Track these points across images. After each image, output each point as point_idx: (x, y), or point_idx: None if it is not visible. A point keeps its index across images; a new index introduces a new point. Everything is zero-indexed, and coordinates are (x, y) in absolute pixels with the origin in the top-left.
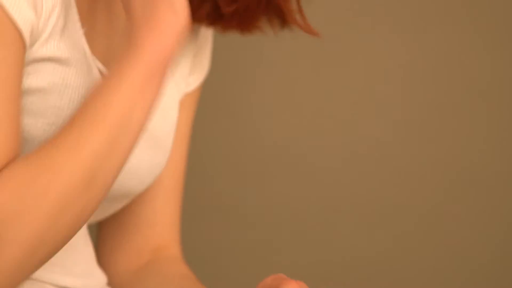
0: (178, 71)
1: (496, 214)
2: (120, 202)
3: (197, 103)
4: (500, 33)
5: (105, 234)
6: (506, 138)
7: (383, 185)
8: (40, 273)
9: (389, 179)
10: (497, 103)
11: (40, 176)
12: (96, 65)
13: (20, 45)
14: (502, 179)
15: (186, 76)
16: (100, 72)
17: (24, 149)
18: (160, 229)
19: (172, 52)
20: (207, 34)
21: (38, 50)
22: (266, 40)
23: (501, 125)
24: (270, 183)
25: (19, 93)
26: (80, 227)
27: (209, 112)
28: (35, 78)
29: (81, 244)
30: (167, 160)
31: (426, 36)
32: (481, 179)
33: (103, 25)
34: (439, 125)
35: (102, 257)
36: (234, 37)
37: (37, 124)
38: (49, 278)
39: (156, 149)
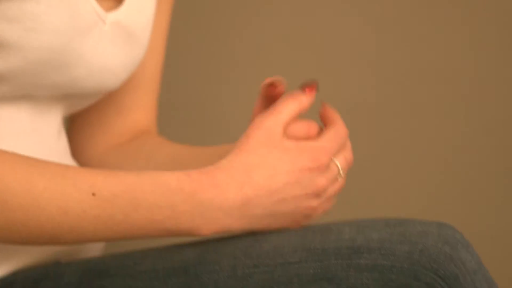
0: None
1: None
2: (95, 98)
3: None
4: None
5: (83, 120)
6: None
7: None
8: None
9: None
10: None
11: None
12: None
13: None
14: None
15: None
16: None
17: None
18: (140, 116)
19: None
20: None
21: None
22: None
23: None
24: None
25: None
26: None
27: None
28: None
29: (54, 138)
30: (143, 56)
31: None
32: None
33: None
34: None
35: (77, 143)
36: None
37: (12, 29)
38: None
39: (132, 44)
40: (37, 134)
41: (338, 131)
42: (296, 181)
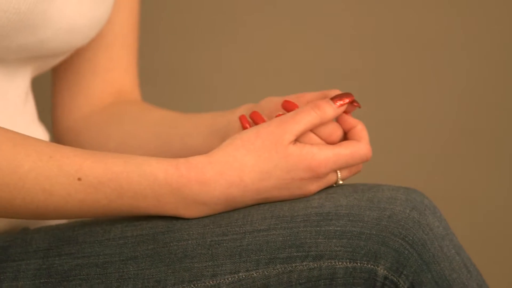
0: None
1: None
2: (63, 56)
3: None
4: None
5: (61, 85)
6: None
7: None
8: None
9: None
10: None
11: None
12: None
13: None
14: None
15: None
16: None
17: None
18: (118, 74)
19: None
20: None
21: None
22: None
23: None
24: None
25: None
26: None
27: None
28: None
29: (22, 102)
30: (109, 13)
31: None
32: None
33: None
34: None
35: (62, 108)
36: None
37: None
38: None
39: (98, 2)
40: (4, 97)
41: (358, 151)
42: (285, 187)
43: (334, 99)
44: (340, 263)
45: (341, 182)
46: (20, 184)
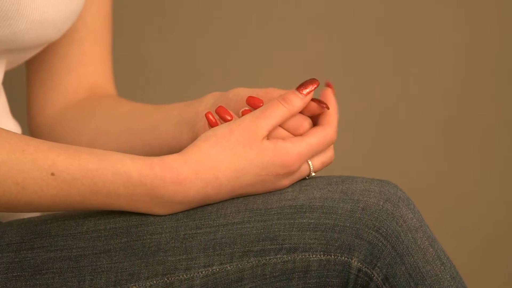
0: None
1: None
2: (36, 50)
3: None
4: None
5: (35, 81)
6: None
7: None
8: None
9: None
10: None
11: None
12: None
13: None
14: None
15: None
16: None
17: None
18: (91, 69)
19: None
20: None
21: None
22: None
23: None
24: None
25: None
26: None
27: None
28: None
29: None
30: (82, 5)
31: None
32: None
33: None
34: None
35: (36, 103)
36: None
37: None
38: None
39: None
40: None
41: (325, 137)
42: (260, 183)
43: (299, 88)
44: (314, 256)
45: (313, 174)
46: None
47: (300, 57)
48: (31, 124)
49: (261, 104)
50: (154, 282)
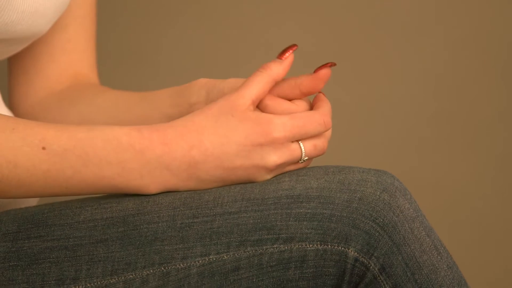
0: None
1: None
2: (26, 42)
3: None
4: None
5: (18, 69)
6: None
7: None
8: None
9: None
10: None
11: None
12: None
13: None
14: None
15: None
16: None
17: None
18: (75, 57)
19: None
20: None
21: None
22: None
23: None
24: None
25: None
26: None
27: None
28: None
29: None
30: None
31: None
32: None
33: None
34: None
35: (19, 92)
36: None
37: None
38: None
39: None
40: None
41: (313, 115)
42: (246, 156)
43: (278, 56)
44: (310, 246)
45: (306, 158)
46: None
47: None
48: (13, 112)
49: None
50: (151, 271)
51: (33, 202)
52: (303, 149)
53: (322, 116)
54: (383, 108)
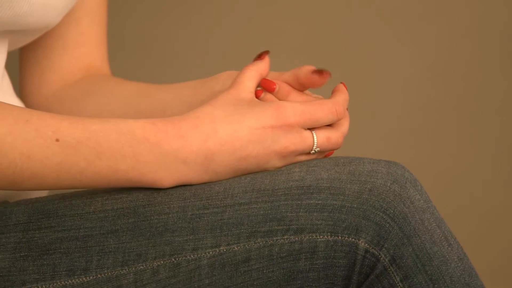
0: None
1: None
2: (39, 33)
3: None
4: None
5: (30, 61)
6: None
7: None
8: None
9: None
10: None
11: None
12: None
13: None
14: None
15: None
16: None
17: None
18: (88, 49)
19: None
20: None
21: None
22: None
23: None
24: None
25: None
26: None
27: None
28: None
29: None
30: None
31: None
32: None
33: None
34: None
35: (31, 84)
36: None
37: None
38: None
39: None
40: None
41: (325, 103)
42: (258, 140)
43: (257, 58)
44: (321, 237)
45: (318, 149)
46: None
47: (303, 40)
48: (25, 103)
49: (274, 87)
50: (161, 262)
51: (44, 192)
52: (315, 138)
53: (334, 104)
54: (394, 99)
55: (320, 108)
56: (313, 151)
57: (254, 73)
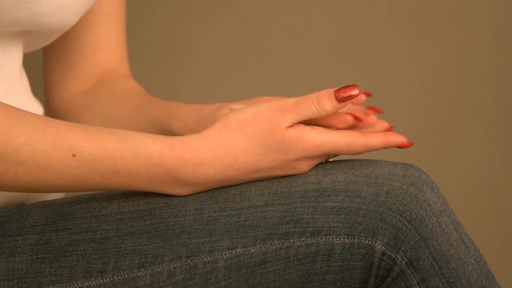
0: None
1: None
2: (55, 35)
3: None
4: None
5: (52, 65)
6: None
7: None
8: None
9: None
10: None
11: None
12: None
13: None
14: None
15: None
16: None
17: None
18: (106, 53)
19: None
20: None
21: None
22: None
23: None
24: None
25: None
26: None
27: None
28: None
29: (16, 78)
30: None
31: None
32: None
33: None
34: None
35: (52, 88)
36: None
37: None
38: None
39: None
40: (1, 71)
41: (353, 142)
42: (279, 167)
43: (337, 91)
44: (337, 239)
45: (331, 159)
46: (14, 158)
47: (328, 42)
48: (48, 106)
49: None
50: (178, 264)
51: (60, 194)
52: (331, 156)
53: (362, 148)
54: (411, 102)
55: (347, 147)
56: (325, 161)
57: (313, 114)
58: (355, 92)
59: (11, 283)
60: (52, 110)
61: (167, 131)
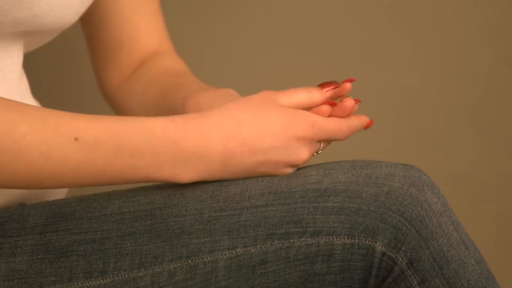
0: None
1: None
2: (55, 34)
3: None
4: None
5: (95, 60)
6: None
7: None
8: None
9: None
10: None
11: None
12: None
13: None
14: None
15: None
16: None
17: None
18: (143, 41)
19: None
20: None
21: None
22: None
23: None
24: None
25: None
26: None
27: None
28: None
29: (16, 79)
30: None
31: None
32: None
33: None
34: None
35: (100, 81)
36: None
37: None
38: None
39: None
40: (2, 72)
41: (343, 124)
42: (282, 147)
43: (321, 85)
44: (338, 239)
45: (320, 152)
46: (15, 148)
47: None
48: (105, 98)
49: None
50: (178, 264)
51: (61, 195)
52: (321, 146)
53: (348, 128)
54: (411, 102)
55: (339, 129)
56: (315, 154)
57: (305, 97)
58: (334, 86)
59: (12, 283)
60: (108, 102)
61: None
